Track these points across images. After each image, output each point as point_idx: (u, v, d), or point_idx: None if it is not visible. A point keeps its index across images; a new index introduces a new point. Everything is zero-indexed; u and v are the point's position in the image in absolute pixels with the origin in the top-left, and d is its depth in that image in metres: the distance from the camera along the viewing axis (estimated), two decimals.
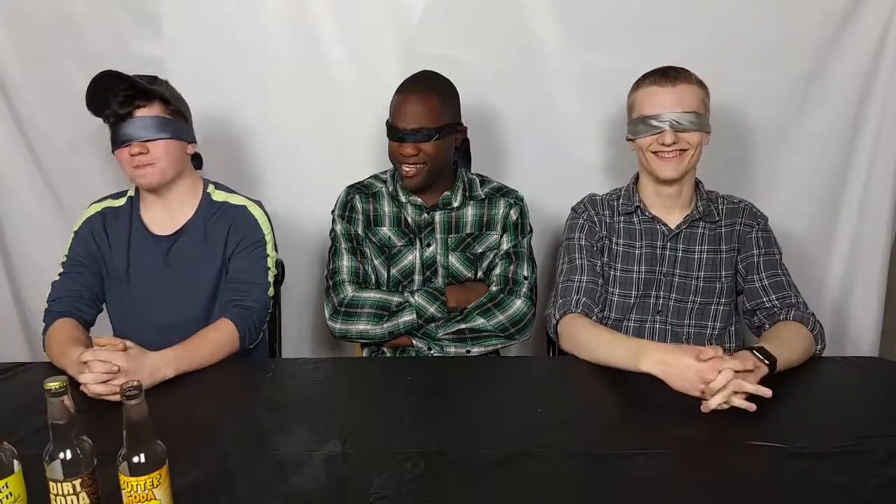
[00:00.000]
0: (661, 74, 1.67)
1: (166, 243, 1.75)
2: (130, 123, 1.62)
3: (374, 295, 1.81)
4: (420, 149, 1.74)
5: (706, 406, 1.35)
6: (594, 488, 1.16)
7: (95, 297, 1.74)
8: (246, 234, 1.75)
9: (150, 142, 1.63)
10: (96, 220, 1.77)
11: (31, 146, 2.21)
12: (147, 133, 1.63)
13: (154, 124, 1.64)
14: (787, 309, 1.65)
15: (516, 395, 1.48)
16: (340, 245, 1.86)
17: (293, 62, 2.12)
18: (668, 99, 1.64)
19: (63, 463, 0.98)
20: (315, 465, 1.20)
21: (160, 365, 1.48)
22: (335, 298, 1.82)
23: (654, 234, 1.76)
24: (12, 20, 2.10)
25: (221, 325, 1.64)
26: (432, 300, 1.79)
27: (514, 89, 2.14)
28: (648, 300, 1.77)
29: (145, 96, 1.63)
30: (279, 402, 1.45)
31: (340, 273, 1.84)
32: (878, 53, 2.08)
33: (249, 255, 1.75)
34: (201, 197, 1.78)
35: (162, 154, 1.65)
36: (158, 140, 1.64)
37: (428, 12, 2.08)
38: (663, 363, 1.43)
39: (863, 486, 1.15)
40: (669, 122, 1.63)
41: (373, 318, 1.79)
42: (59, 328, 1.63)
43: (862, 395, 1.50)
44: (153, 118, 1.64)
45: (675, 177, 1.68)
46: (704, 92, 1.69)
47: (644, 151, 1.70)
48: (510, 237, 1.87)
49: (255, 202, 1.82)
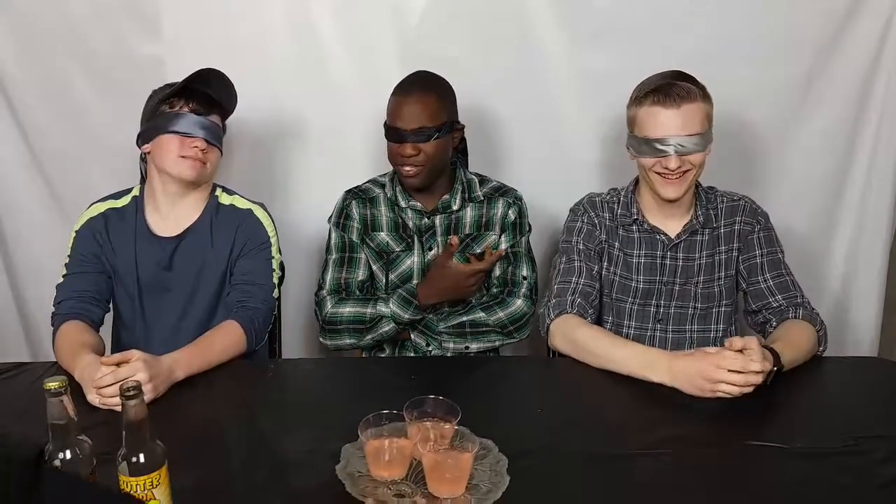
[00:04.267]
0: (664, 94, 1.60)
1: (170, 245, 1.75)
2: (202, 120, 1.68)
3: (349, 310, 1.80)
4: (420, 149, 1.74)
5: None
6: (594, 488, 1.16)
7: (102, 296, 1.73)
8: (252, 236, 1.76)
9: (211, 146, 1.71)
10: (98, 220, 1.76)
11: (31, 146, 2.20)
12: (212, 136, 1.71)
13: (217, 132, 1.73)
14: (795, 308, 1.65)
15: (516, 395, 1.48)
16: (330, 257, 1.87)
17: (293, 62, 2.12)
18: (673, 122, 1.59)
19: (63, 463, 0.97)
20: (315, 465, 1.20)
21: (173, 368, 1.48)
22: (319, 315, 1.83)
23: (653, 243, 1.75)
24: (12, 20, 2.09)
25: (229, 327, 1.64)
26: (405, 306, 1.78)
27: (514, 89, 2.14)
28: (648, 308, 1.76)
29: (222, 108, 1.74)
30: (279, 402, 1.45)
31: (323, 288, 1.85)
32: (878, 53, 2.08)
33: (256, 257, 1.75)
34: (209, 199, 1.79)
35: (214, 159, 1.73)
36: (216, 147, 1.73)
37: (428, 12, 2.08)
38: (670, 371, 1.44)
39: (863, 486, 1.15)
40: (674, 146, 1.59)
41: (353, 333, 1.80)
42: (68, 332, 1.62)
43: (862, 395, 1.50)
44: (218, 127, 1.74)
45: (678, 197, 1.66)
46: (709, 104, 1.64)
47: (647, 171, 1.67)
48: (509, 237, 1.87)
49: (259, 205, 1.82)
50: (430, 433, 1.18)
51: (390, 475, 1.13)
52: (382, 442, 1.16)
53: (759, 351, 1.39)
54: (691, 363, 1.42)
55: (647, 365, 1.47)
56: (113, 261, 1.75)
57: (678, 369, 1.42)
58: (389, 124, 1.77)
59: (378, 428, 1.17)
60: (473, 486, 1.12)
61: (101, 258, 1.75)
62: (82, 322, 1.65)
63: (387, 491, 1.10)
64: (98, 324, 1.71)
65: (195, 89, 1.69)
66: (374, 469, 1.14)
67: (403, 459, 1.14)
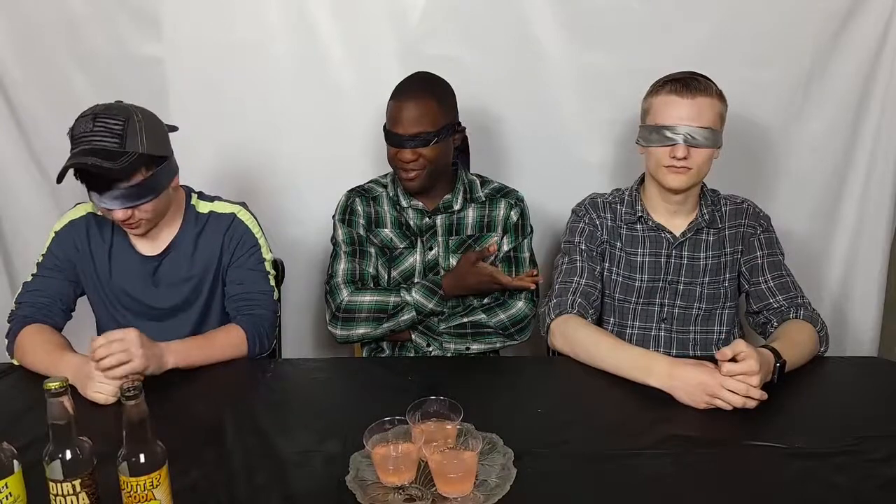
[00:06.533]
0: (682, 84, 1.61)
1: (153, 263, 1.68)
2: (110, 193, 1.49)
3: (371, 297, 1.79)
4: (419, 154, 1.73)
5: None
6: (594, 488, 1.16)
7: (67, 305, 1.67)
8: (240, 243, 1.70)
9: (135, 207, 1.52)
10: (80, 225, 1.69)
11: (31, 146, 2.20)
12: (130, 201, 1.50)
13: (136, 192, 1.50)
14: (797, 308, 1.65)
15: (516, 395, 1.48)
16: (340, 250, 1.86)
17: (293, 62, 2.12)
18: (686, 111, 1.60)
19: (63, 463, 0.97)
20: (315, 465, 1.20)
21: (166, 352, 1.47)
22: (332, 303, 1.81)
23: (658, 242, 1.75)
24: (12, 20, 2.10)
25: (231, 329, 1.62)
26: (430, 295, 1.79)
27: (515, 89, 2.14)
28: (652, 308, 1.76)
29: (121, 173, 1.46)
30: (279, 402, 1.45)
31: (336, 277, 1.83)
32: (878, 53, 2.08)
33: (247, 265, 1.70)
34: (185, 210, 1.70)
35: (149, 213, 1.56)
36: (144, 203, 1.53)
37: (428, 12, 2.08)
38: (669, 376, 1.43)
39: (863, 486, 1.15)
40: (684, 135, 1.60)
41: (371, 321, 1.79)
42: (39, 333, 1.57)
43: (862, 395, 1.50)
44: (135, 186, 1.49)
45: (682, 188, 1.67)
46: (723, 105, 1.65)
47: (654, 163, 1.67)
48: (510, 239, 1.87)
49: (240, 205, 1.75)
50: (434, 434, 1.18)
51: (400, 480, 1.13)
52: (388, 448, 1.16)
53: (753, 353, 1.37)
54: (694, 374, 1.40)
55: (645, 369, 1.46)
56: (90, 269, 1.68)
57: (678, 376, 1.41)
58: (388, 129, 1.76)
59: (382, 434, 1.17)
60: (481, 482, 1.13)
61: (74, 265, 1.67)
62: (47, 326, 1.60)
63: (397, 496, 1.10)
64: (60, 331, 1.65)
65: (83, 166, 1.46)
66: (383, 476, 1.13)
67: (410, 463, 1.14)
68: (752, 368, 1.35)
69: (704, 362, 1.43)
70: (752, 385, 1.35)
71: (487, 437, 1.22)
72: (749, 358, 1.36)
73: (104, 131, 1.47)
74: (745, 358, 1.37)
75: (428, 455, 1.12)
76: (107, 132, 1.47)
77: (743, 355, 1.37)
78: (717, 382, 1.36)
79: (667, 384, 1.42)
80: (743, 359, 1.37)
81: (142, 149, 1.49)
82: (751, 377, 1.35)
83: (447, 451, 1.15)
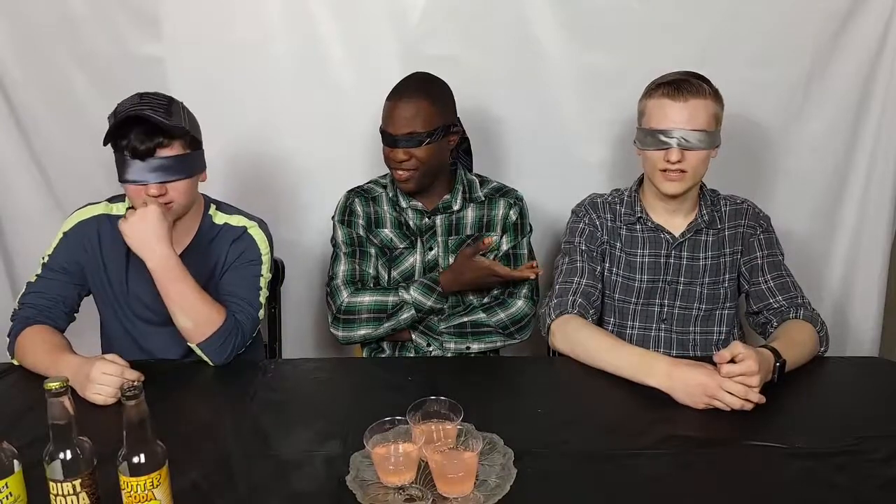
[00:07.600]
0: (675, 87, 1.61)
1: None
2: (149, 163, 1.51)
3: (370, 298, 1.79)
4: (411, 154, 1.74)
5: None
6: (594, 488, 1.16)
7: (71, 308, 1.66)
8: (242, 253, 1.68)
9: (169, 183, 1.54)
10: (90, 225, 1.67)
11: (31, 146, 2.20)
12: (167, 174, 1.52)
13: (174, 164, 1.53)
14: (797, 308, 1.65)
15: (516, 395, 1.48)
16: (340, 251, 1.86)
17: (293, 62, 2.12)
18: (679, 115, 1.60)
19: (63, 463, 0.98)
20: (315, 465, 1.20)
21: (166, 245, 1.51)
22: (333, 305, 1.81)
23: (657, 242, 1.75)
24: (12, 20, 2.10)
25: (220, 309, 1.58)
26: (428, 293, 1.79)
27: (515, 89, 2.14)
28: (652, 308, 1.76)
29: (167, 134, 1.51)
30: (279, 402, 1.45)
31: (336, 278, 1.83)
32: (878, 53, 2.08)
33: (243, 273, 1.67)
34: (202, 219, 1.70)
35: (180, 194, 1.56)
36: (177, 181, 1.55)
37: (428, 12, 2.08)
38: (668, 377, 1.42)
39: (863, 486, 1.15)
40: (678, 139, 1.60)
41: (372, 322, 1.79)
42: (41, 334, 1.56)
43: (862, 395, 1.50)
44: (174, 157, 1.52)
45: (678, 193, 1.67)
46: (718, 104, 1.65)
47: (650, 166, 1.67)
48: (510, 238, 1.87)
49: (257, 221, 1.73)
50: (435, 434, 1.18)
51: (400, 480, 1.13)
52: (388, 448, 1.16)
53: (751, 353, 1.37)
54: (693, 374, 1.40)
55: (645, 369, 1.46)
56: (99, 271, 1.66)
57: (677, 376, 1.41)
58: (382, 128, 1.77)
59: (383, 434, 1.17)
60: (482, 482, 1.13)
61: (82, 267, 1.66)
62: (50, 327, 1.59)
63: (397, 496, 1.11)
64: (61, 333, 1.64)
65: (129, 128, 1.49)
66: (384, 476, 1.13)
67: (411, 463, 1.14)
68: (750, 369, 1.35)
69: (704, 363, 1.43)
70: (751, 385, 1.35)
71: (487, 437, 1.22)
72: (747, 359, 1.36)
73: (152, 102, 1.53)
74: (743, 359, 1.37)
75: (428, 455, 1.12)
76: (155, 103, 1.53)
77: (741, 356, 1.37)
78: (716, 384, 1.36)
79: (666, 384, 1.42)
80: (741, 360, 1.37)
81: (185, 125, 1.55)
82: (750, 378, 1.35)
83: (447, 451, 1.15)
